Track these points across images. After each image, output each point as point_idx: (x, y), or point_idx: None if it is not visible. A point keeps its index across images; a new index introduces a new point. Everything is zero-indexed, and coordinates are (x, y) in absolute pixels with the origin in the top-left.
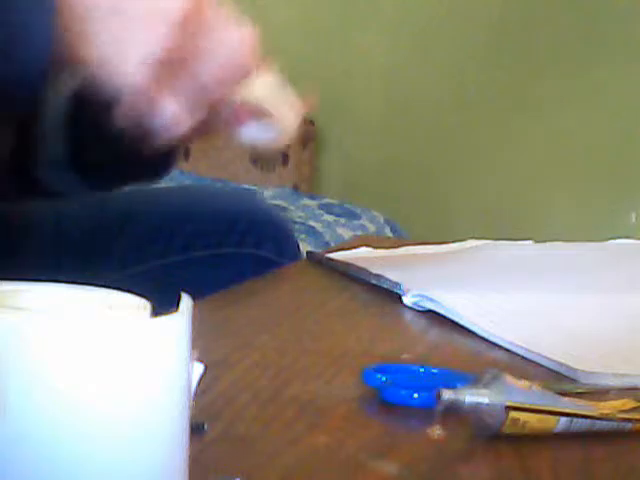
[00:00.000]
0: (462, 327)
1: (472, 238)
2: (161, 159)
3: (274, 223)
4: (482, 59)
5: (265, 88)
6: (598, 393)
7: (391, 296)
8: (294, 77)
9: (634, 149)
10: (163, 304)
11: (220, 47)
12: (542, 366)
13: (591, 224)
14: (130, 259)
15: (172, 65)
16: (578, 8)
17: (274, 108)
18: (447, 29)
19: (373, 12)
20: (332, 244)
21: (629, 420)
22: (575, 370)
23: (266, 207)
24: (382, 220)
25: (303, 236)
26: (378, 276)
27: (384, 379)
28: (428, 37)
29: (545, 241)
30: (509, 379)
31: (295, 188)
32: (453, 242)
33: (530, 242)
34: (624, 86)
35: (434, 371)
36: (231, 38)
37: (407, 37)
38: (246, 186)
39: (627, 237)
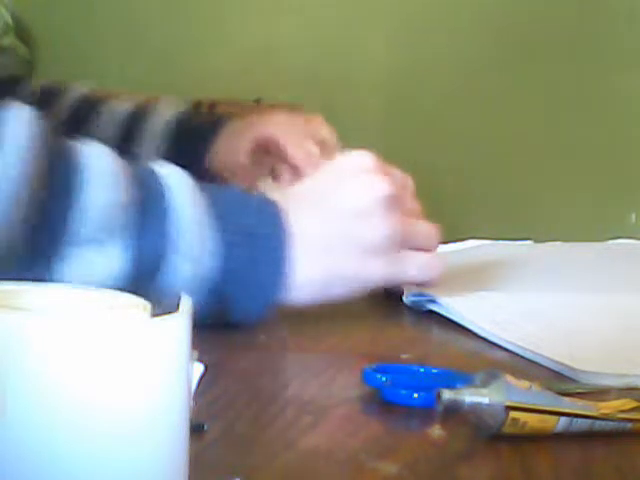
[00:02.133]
0: (462, 327)
1: (472, 238)
2: None
3: None
4: (484, 60)
5: None
6: (598, 393)
7: (391, 296)
8: (295, 77)
9: (634, 149)
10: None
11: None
12: (542, 366)
13: (591, 224)
14: None
15: (395, 245)
16: (581, 11)
17: None
18: (449, 29)
19: (373, 12)
20: None
21: (629, 420)
22: (575, 370)
23: None
24: None
25: None
26: None
27: (384, 379)
28: (430, 38)
29: (545, 241)
30: (509, 379)
31: None
32: (453, 242)
33: (530, 242)
34: (624, 87)
35: (434, 371)
36: (424, 232)
37: (408, 38)
38: None
39: (627, 237)
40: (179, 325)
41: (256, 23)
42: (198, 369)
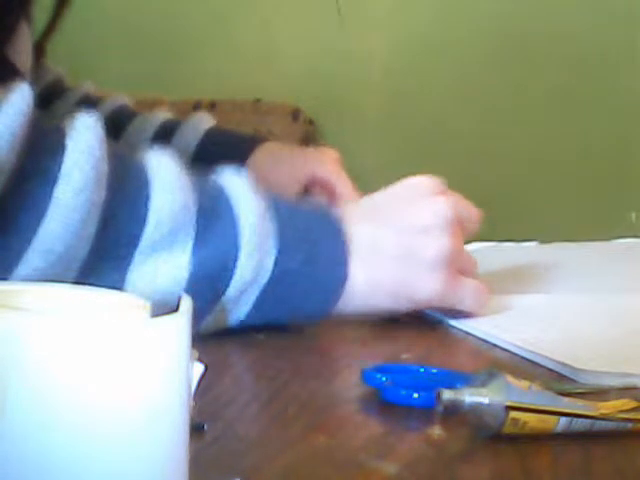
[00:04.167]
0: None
1: (475, 241)
2: None
3: None
4: (483, 58)
5: None
6: (598, 393)
7: None
8: (295, 77)
9: (634, 149)
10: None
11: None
12: (542, 366)
13: (591, 224)
14: None
15: (454, 264)
16: (579, 11)
17: None
18: (448, 29)
19: (373, 13)
20: None
21: (629, 420)
22: (575, 370)
23: None
24: None
25: None
26: None
27: (384, 379)
28: (429, 37)
29: (546, 242)
30: (509, 379)
31: None
32: None
33: (535, 243)
34: (625, 88)
35: (434, 371)
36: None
37: (408, 37)
38: None
39: (628, 236)
40: (179, 325)
41: (256, 23)
42: (198, 369)
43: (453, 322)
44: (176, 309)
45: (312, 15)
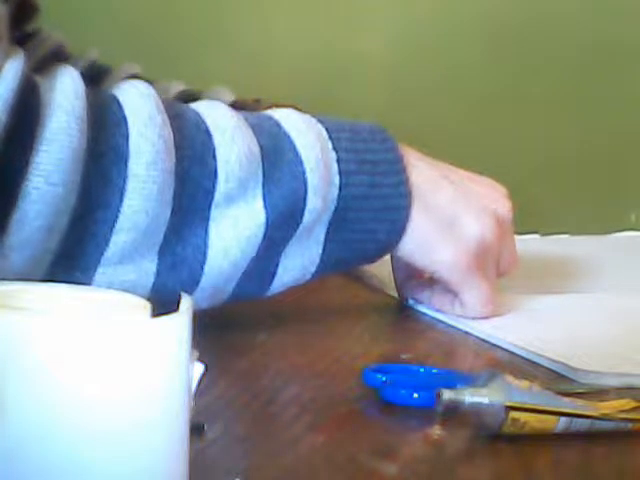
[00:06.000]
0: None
1: None
2: None
3: None
4: (483, 57)
5: None
6: (598, 393)
7: (391, 296)
8: (295, 77)
9: (634, 149)
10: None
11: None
12: (542, 366)
13: (591, 224)
14: None
15: (487, 253)
16: (578, 9)
17: None
18: (448, 29)
19: (373, 12)
20: None
21: (629, 420)
22: (575, 370)
23: None
24: None
25: None
26: (374, 276)
27: (384, 379)
28: (429, 37)
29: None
30: (509, 379)
31: None
32: None
33: (537, 236)
34: (624, 86)
35: (434, 371)
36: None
37: (408, 37)
38: None
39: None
40: (179, 325)
41: (255, 23)
42: (198, 369)
43: (453, 322)
44: (176, 309)
45: (312, 16)
